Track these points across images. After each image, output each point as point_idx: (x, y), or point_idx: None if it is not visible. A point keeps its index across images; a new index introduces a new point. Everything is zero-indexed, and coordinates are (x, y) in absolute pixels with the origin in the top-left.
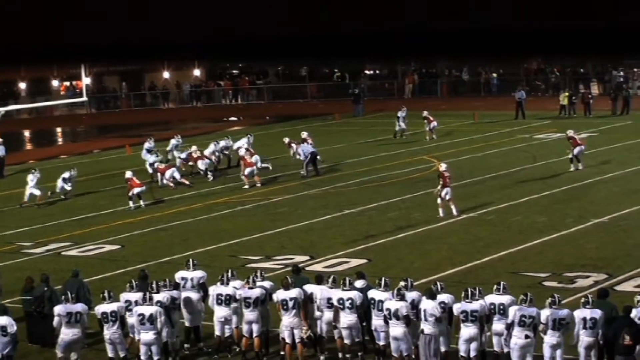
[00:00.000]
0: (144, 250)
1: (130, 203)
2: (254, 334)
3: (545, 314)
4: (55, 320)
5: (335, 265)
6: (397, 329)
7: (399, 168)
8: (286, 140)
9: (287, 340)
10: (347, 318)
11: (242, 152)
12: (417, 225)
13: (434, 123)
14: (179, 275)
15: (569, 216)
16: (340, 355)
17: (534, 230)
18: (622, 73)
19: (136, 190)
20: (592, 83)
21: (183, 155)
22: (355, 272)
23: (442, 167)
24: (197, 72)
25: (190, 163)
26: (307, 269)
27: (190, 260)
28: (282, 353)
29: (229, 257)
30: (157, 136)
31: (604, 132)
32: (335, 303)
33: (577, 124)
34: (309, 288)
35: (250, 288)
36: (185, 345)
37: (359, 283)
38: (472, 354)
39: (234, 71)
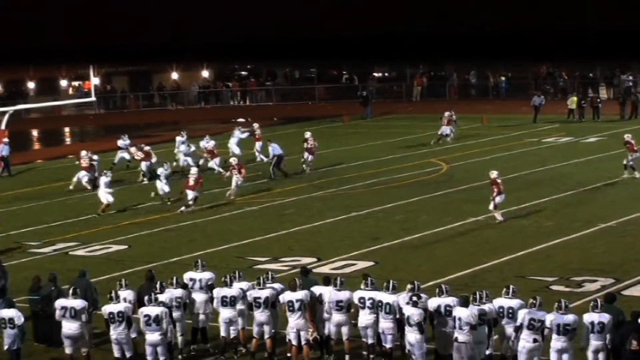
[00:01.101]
0: (151, 251)
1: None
2: (266, 335)
3: (549, 318)
4: (56, 313)
5: (342, 268)
6: (411, 335)
7: (406, 171)
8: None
9: (294, 342)
10: (366, 317)
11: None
12: (424, 228)
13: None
14: (187, 276)
15: (576, 220)
16: (347, 357)
17: (542, 234)
18: (630, 77)
19: (235, 180)
20: (601, 87)
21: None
22: (362, 274)
23: (494, 174)
24: (205, 73)
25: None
26: (314, 270)
27: (199, 261)
28: (288, 355)
29: (236, 259)
30: (166, 137)
31: (613, 137)
32: (356, 302)
33: (586, 128)
34: (317, 290)
35: (260, 289)
36: (193, 346)
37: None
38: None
39: (243, 72)
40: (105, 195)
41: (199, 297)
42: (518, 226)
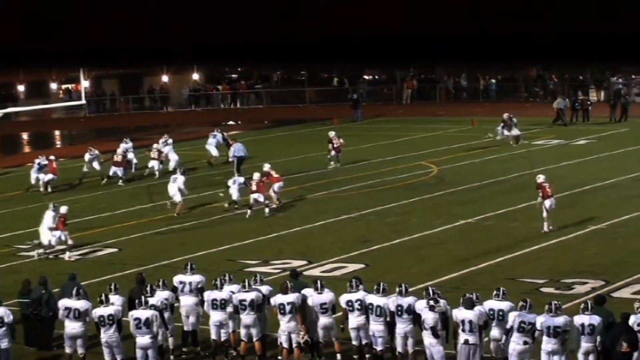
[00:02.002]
0: (142, 254)
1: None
2: (254, 338)
3: (540, 320)
4: (59, 313)
5: (333, 270)
6: (427, 339)
7: (397, 173)
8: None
9: (285, 344)
10: (356, 319)
11: (266, 167)
12: (415, 231)
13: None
14: (177, 279)
15: (566, 222)
16: (338, 357)
17: (532, 237)
18: (620, 80)
19: (276, 185)
20: (591, 90)
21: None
22: (353, 277)
23: (540, 178)
24: (195, 76)
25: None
26: (305, 273)
27: (189, 264)
28: (279, 358)
29: (226, 261)
30: (157, 140)
31: (602, 139)
32: (344, 305)
33: (576, 130)
34: (308, 293)
35: (245, 291)
36: (183, 349)
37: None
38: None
39: (233, 75)
40: (177, 194)
41: (189, 300)
42: (508, 228)
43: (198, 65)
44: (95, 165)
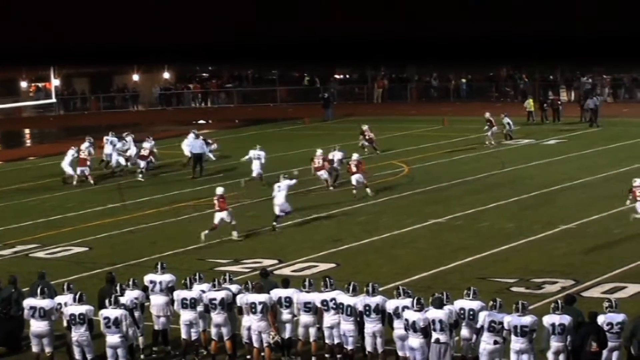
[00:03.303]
0: (112, 253)
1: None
2: (225, 337)
3: (507, 320)
4: (24, 312)
5: (304, 270)
6: (414, 340)
7: (367, 172)
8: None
9: (255, 344)
10: (331, 318)
11: (355, 157)
12: (386, 230)
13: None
14: (147, 278)
15: (537, 222)
16: (313, 359)
17: (502, 236)
18: (590, 80)
19: (354, 178)
20: (561, 90)
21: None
22: (323, 277)
23: (636, 182)
24: (166, 75)
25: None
26: (275, 272)
27: (159, 263)
28: (248, 357)
29: (197, 261)
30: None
31: (573, 139)
32: (319, 305)
33: (546, 130)
34: (281, 292)
35: (216, 290)
36: (153, 349)
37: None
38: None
39: (204, 74)
40: (282, 204)
41: (159, 299)
42: (479, 228)
43: (174, 64)
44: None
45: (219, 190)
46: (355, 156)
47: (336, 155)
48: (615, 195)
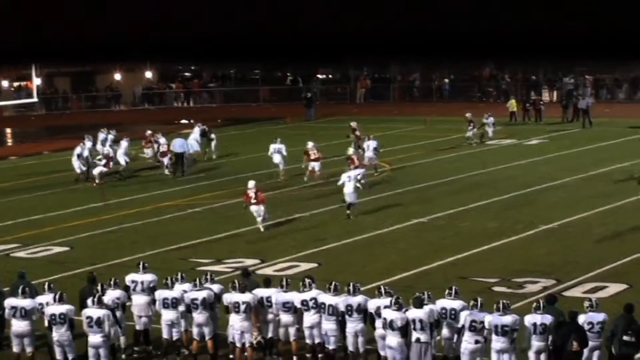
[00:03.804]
0: (93, 253)
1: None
2: (206, 337)
3: (488, 319)
4: (5, 312)
5: (286, 269)
6: (393, 339)
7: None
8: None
9: (238, 344)
10: (312, 318)
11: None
12: (368, 230)
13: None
14: (129, 278)
15: (518, 222)
16: (294, 359)
17: (484, 236)
18: (572, 80)
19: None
20: (544, 90)
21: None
22: (305, 276)
23: None
24: (148, 75)
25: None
26: (258, 272)
27: (141, 263)
28: (231, 357)
29: (179, 260)
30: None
31: (554, 139)
32: (299, 305)
33: (528, 130)
34: (263, 292)
35: (197, 290)
36: (135, 348)
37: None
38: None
39: (186, 74)
40: (351, 193)
41: (140, 299)
42: (461, 228)
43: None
44: (149, 152)
45: (251, 183)
46: (351, 151)
47: (371, 144)
48: (597, 195)
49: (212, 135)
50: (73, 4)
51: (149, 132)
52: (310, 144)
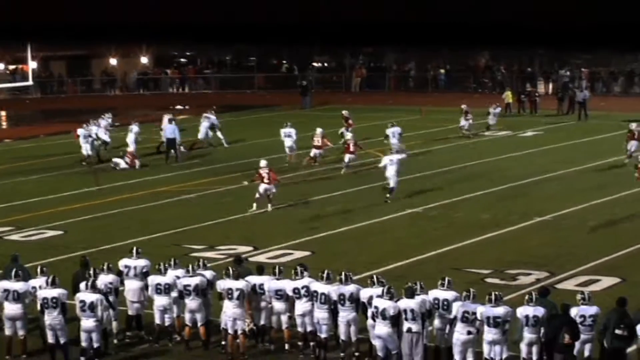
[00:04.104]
0: (86, 237)
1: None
2: (199, 323)
3: (480, 311)
4: None
5: (279, 257)
6: (383, 328)
7: (329, 163)
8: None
9: (230, 330)
10: (303, 306)
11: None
12: (362, 219)
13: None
14: (122, 263)
15: (513, 213)
16: (286, 346)
17: (478, 227)
18: (568, 73)
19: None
20: (539, 82)
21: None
22: (298, 264)
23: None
24: (144, 60)
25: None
26: (251, 259)
27: (134, 248)
28: (223, 343)
29: (172, 246)
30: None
31: (550, 131)
32: (291, 293)
33: (523, 122)
34: (256, 279)
35: (190, 276)
36: (127, 333)
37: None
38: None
39: (182, 60)
40: (394, 176)
41: (133, 284)
42: (454, 218)
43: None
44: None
45: (263, 162)
46: (349, 135)
47: (395, 130)
48: (592, 188)
49: (216, 123)
50: None
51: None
52: (318, 130)
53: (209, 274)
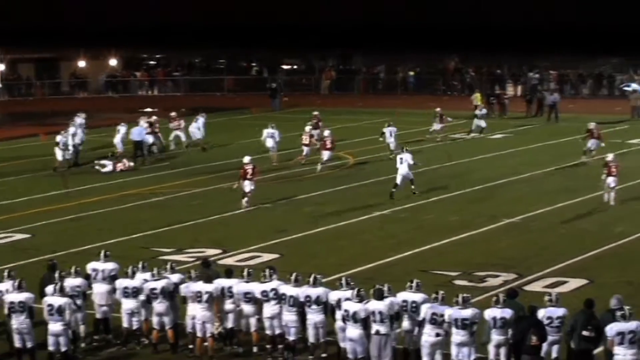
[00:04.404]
0: (55, 240)
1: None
2: (167, 326)
3: (448, 313)
4: None
5: (248, 260)
6: (354, 331)
7: (313, 163)
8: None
9: (199, 333)
10: (271, 309)
11: (327, 133)
12: (331, 221)
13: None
14: (90, 266)
15: (481, 215)
16: (254, 349)
17: (446, 229)
18: (537, 75)
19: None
20: (508, 84)
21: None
22: (267, 267)
23: (609, 157)
24: (113, 62)
25: None
26: (219, 262)
27: (102, 251)
28: (190, 346)
29: (141, 249)
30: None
31: (518, 133)
32: (259, 295)
33: (492, 124)
34: (224, 282)
35: (156, 280)
36: (95, 337)
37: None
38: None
39: (151, 62)
40: (406, 171)
41: (101, 287)
42: (423, 221)
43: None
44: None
45: (247, 158)
46: (327, 132)
47: (392, 130)
48: (560, 190)
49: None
50: None
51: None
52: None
53: (176, 277)
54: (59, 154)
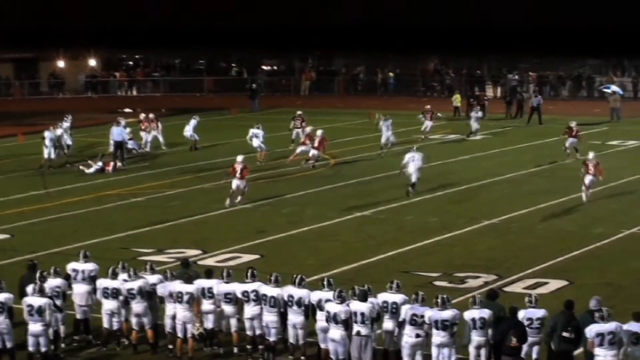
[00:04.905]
0: (34, 240)
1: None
2: (146, 326)
3: (428, 314)
4: None
5: (227, 260)
6: (336, 332)
7: (293, 164)
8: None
9: (179, 334)
10: (252, 309)
11: (319, 132)
12: (311, 222)
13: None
14: (70, 266)
15: (461, 217)
16: (235, 350)
17: (426, 230)
18: (516, 77)
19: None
20: (487, 85)
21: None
22: (248, 268)
23: (590, 155)
24: (92, 62)
25: None
26: (199, 263)
27: (82, 252)
28: (170, 347)
29: (120, 250)
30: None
31: (498, 135)
32: (240, 296)
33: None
34: (204, 282)
35: (133, 280)
36: (75, 337)
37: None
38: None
39: (130, 62)
40: (415, 173)
41: (81, 288)
42: (403, 222)
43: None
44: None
45: (240, 157)
46: (319, 132)
47: (388, 123)
48: (539, 191)
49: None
50: None
51: (150, 115)
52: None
53: (155, 277)
54: (45, 151)
